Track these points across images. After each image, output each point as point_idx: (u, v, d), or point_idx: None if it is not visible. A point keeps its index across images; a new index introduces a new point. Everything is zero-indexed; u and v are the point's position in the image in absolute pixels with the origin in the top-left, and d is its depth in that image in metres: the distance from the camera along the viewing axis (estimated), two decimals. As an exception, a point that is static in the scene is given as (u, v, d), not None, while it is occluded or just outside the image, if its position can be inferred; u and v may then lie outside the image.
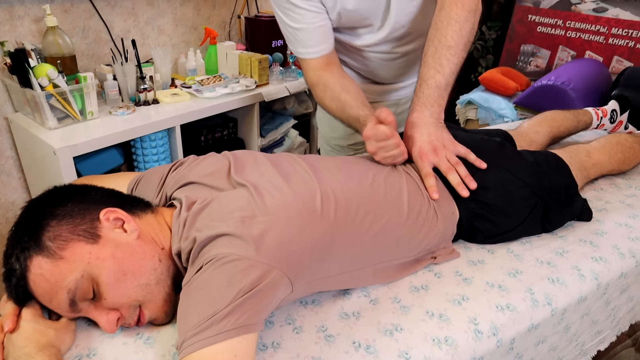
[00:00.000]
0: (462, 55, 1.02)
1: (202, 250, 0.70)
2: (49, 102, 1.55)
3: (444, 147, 0.97)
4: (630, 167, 1.32)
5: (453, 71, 1.00)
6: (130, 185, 0.95)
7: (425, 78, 1.01)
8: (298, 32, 1.14)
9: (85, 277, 0.68)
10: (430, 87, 1.00)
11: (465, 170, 0.95)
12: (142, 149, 1.79)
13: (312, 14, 1.12)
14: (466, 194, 0.94)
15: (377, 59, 1.30)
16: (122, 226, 0.75)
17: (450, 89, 1.02)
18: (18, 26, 1.72)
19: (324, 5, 1.13)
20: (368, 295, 0.83)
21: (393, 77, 1.39)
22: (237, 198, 0.76)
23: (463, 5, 1.01)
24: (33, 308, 0.72)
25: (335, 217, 0.77)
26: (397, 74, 1.37)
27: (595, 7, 2.65)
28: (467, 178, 0.95)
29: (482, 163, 0.97)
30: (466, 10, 1.01)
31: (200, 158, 0.94)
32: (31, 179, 1.85)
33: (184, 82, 2.09)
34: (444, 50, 1.00)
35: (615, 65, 2.65)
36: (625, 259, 0.99)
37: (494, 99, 2.57)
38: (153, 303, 0.74)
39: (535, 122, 1.39)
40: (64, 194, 0.77)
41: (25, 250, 0.68)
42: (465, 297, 0.83)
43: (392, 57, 1.29)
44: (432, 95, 0.99)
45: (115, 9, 1.99)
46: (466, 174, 0.95)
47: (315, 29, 1.14)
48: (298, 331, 0.75)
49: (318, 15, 1.13)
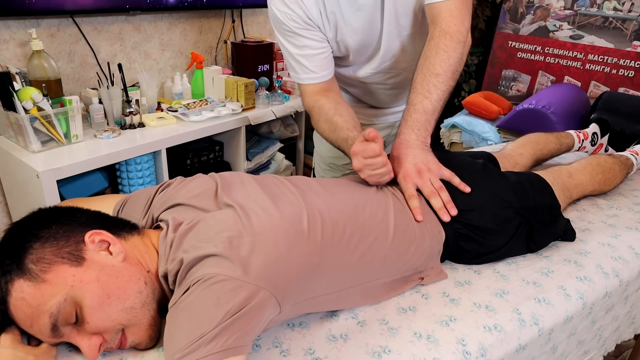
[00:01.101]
0: (450, 83, 1.04)
1: (190, 271, 0.70)
2: (32, 125, 1.54)
3: (429, 170, 0.99)
4: (610, 188, 1.35)
5: (440, 97, 1.03)
6: (116, 207, 0.94)
7: (413, 103, 1.03)
8: (300, 59, 1.18)
9: (68, 300, 0.67)
10: (417, 112, 1.02)
11: (447, 195, 0.97)
12: (127, 172, 1.78)
13: (314, 42, 1.17)
14: (447, 219, 0.95)
15: (372, 88, 1.35)
16: (108, 248, 0.74)
17: (437, 114, 1.04)
18: (3, 50, 1.72)
19: (325, 35, 1.18)
20: (355, 317, 0.83)
21: (388, 102, 1.43)
22: (224, 218, 0.75)
23: (452, 36, 1.05)
24: (12, 334, 0.70)
25: (322, 238, 0.77)
26: (392, 100, 1.42)
27: (572, 34, 2.75)
28: (449, 204, 0.96)
29: (466, 187, 0.99)
30: (454, 41, 1.04)
31: (187, 179, 0.93)
32: (12, 203, 1.82)
33: (170, 105, 2.09)
34: (432, 77, 1.03)
35: (593, 90, 2.73)
36: (609, 278, 1.00)
37: (477, 123, 2.62)
38: (137, 327, 0.72)
39: (519, 145, 1.42)
40: (49, 216, 0.76)
41: (7, 273, 0.67)
42: (453, 318, 0.83)
43: (386, 87, 1.35)
44: (420, 119, 1.02)
45: (102, 34, 2.00)
46: (448, 200, 0.96)
47: (316, 55, 1.18)
48: (285, 354, 0.74)
49: (320, 43, 1.17)
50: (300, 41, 1.16)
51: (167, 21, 2.22)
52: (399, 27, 1.18)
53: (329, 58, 1.21)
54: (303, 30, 1.15)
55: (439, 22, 1.06)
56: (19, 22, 1.72)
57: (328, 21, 1.16)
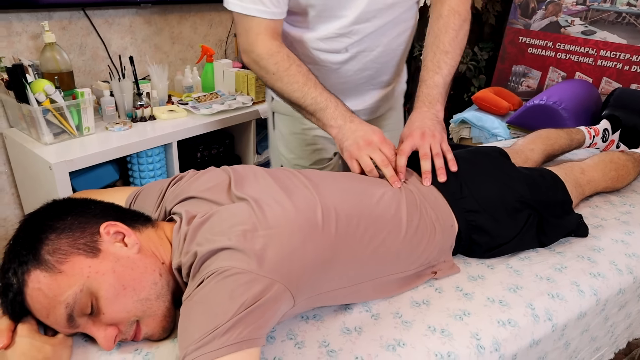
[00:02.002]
0: (458, 59, 1.10)
1: (204, 264, 0.70)
2: (45, 118, 1.54)
3: (433, 136, 1.00)
4: (623, 185, 1.34)
5: (450, 72, 1.08)
6: (129, 199, 0.94)
7: (424, 79, 1.07)
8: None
9: (84, 291, 0.67)
10: (429, 87, 1.06)
11: (442, 162, 0.98)
12: (138, 164, 1.79)
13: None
14: (428, 183, 0.97)
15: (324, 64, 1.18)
16: (123, 240, 0.74)
17: (448, 88, 1.08)
18: (16, 42, 1.72)
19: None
20: (369, 310, 0.83)
21: None
22: (238, 212, 0.75)
23: (460, 14, 1.09)
24: (29, 324, 0.70)
25: (336, 231, 0.77)
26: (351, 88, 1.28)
27: (584, 29, 2.72)
28: (440, 170, 0.97)
29: (454, 165, 1.00)
30: (461, 19, 1.10)
31: (199, 173, 0.94)
32: (24, 195, 1.84)
33: (180, 98, 2.10)
34: (442, 55, 1.07)
35: (605, 86, 2.70)
36: (623, 275, 0.99)
37: (487, 118, 2.60)
38: (152, 318, 0.73)
39: (530, 140, 1.41)
40: (64, 208, 0.76)
41: (23, 264, 0.67)
42: (467, 312, 0.83)
43: (346, 58, 1.18)
44: (431, 93, 1.05)
45: (113, 27, 2.00)
46: (441, 166, 0.98)
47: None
48: (300, 346, 0.74)
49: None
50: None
51: (178, 14, 2.22)
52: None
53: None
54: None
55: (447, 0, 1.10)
56: (32, 14, 1.73)
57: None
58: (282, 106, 1.26)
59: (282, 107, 1.28)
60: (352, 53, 1.16)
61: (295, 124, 1.31)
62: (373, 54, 1.18)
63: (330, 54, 1.16)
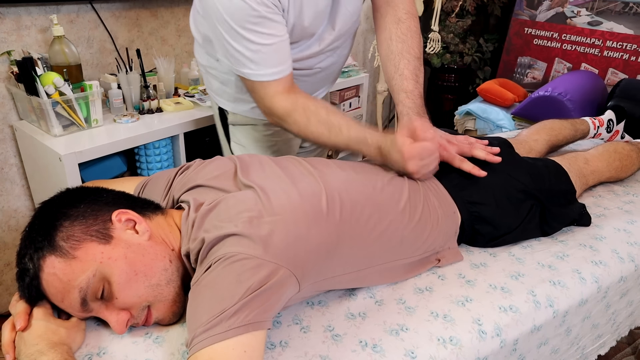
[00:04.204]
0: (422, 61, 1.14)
1: (211, 250, 0.72)
2: (54, 110, 1.56)
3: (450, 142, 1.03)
4: (627, 175, 1.35)
5: (422, 79, 1.11)
6: (137, 189, 0.96)
7: (409, 89, 1.07)
8: (267, 49, 1.01)
9: (97, 276, 0.70)
10: (418, 97, 1.08)
11: None
12: (145, 156, 1.81)
13: (281, 26, 1.01)
14: (484, 173, 0.99)
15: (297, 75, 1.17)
16: (134, 227, 0.76)
17: None
18: (25, 36, 1.74)
19: (286, 15, 1.04)
20: (373, 296, 0.85)
21: None
22: (244, 199, 0.77)
23: (415, 17, 1.12)
24: (44, 307, 0.73)
25: (340, 218, 0.79)
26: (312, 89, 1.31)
27: (590, 20, 2.70)
28: (474, 169, 1.00)
29: None
30: (417, 20, 1.12)
31: (206, 162, 0.96)
32: (34, 186, 1.86)
33: (187, 91, 2.11)
34: (415, 62, 1.10)
35: (611, 77, 2.69)
36: (625, 263, 1.00)
37: (492, 110, 2.60)
38: (162, 303, 0.75)
39: (534, 131, 1.42)
40: (76, 196, 0.78)
41: (39, 250, 0.70)
42: (469, 299, 0.84)
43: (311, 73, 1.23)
44: (421, 104, 1.07)
45: (120, 20, 2.02)
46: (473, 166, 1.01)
47: (281, 43, 1.02)
48: (305, 331, 0.76)
49: (284, 27, 1.03)
50: (268, 28, 0.98)
51: (184, 7, 2.23)
52: None
53: (289, 44, 1.05)
54: (273, 14, 0.98)
55: (398, 2, 1.12)
56: (40, 8, 1.75)
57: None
58: (240, 118, 1.30)
59: (240, 119, 1.31)
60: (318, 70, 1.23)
61: (257, 131, 1.32)
62: (335, 65, 1.27)
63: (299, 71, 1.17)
